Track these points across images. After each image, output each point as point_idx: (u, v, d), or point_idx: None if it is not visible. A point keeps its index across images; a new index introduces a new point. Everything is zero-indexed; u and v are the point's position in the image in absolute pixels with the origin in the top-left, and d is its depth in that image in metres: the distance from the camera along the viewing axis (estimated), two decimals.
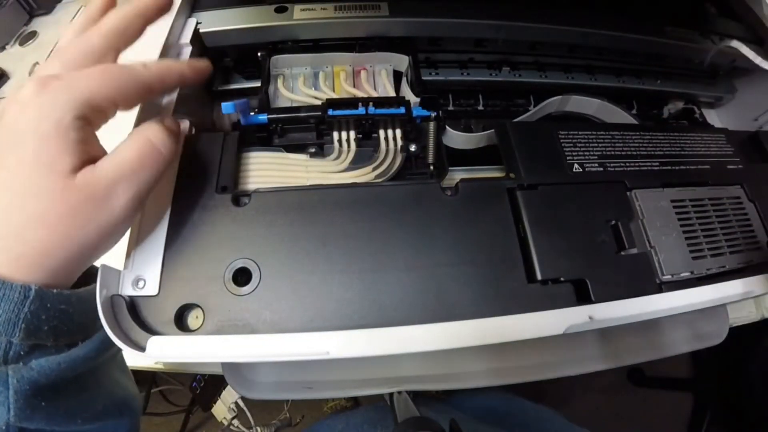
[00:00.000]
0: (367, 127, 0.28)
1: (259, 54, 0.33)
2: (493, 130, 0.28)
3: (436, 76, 0.36)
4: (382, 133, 0.28)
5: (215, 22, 0.32)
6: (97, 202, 0.19)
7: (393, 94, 0.32)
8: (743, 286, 0.24)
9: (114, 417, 0.23)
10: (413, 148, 0.28)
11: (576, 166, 0.27)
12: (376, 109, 0.27)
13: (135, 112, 0.24)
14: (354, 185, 0.25)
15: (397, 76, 0.34)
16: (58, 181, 0.18)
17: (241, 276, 0.21)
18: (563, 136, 0.28)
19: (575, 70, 0.39)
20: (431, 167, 0.28)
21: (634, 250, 0.24)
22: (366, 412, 0.40)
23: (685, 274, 0.24)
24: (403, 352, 0.20)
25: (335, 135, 0.28)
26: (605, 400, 0.99)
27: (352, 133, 0.28)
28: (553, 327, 0.21)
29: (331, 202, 0.23)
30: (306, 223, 0.23)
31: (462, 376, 0.37)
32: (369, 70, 0.34)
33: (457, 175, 0.28)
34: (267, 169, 0.26)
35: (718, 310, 0.38)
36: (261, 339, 0.20)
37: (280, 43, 0.33)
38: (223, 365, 0.35)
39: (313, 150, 0.28)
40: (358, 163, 0.27)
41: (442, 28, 0.34)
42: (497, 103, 0.38)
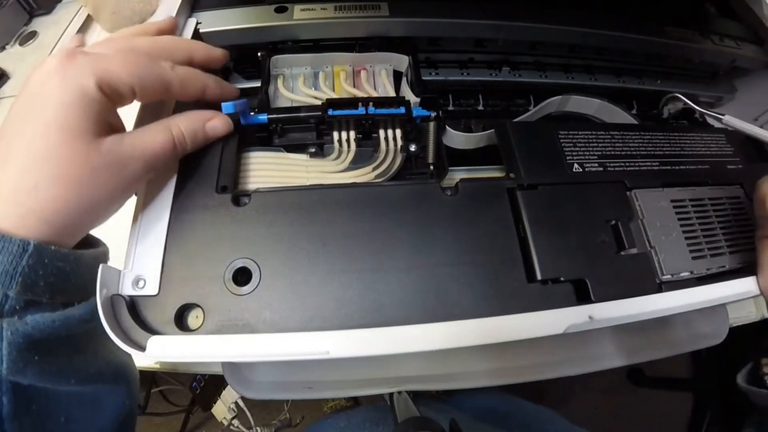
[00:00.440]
0: (367, 127, 0.28)
1: (259, 54, 0.33)
2: (493, 130, 0.28)
3: (436, 76, 0.36)
4: (382, 133, 0.28)
5: (215, 22, 0.32)
6: (116, 169, 0.20)
7: (393, 94, 0.32)
8: (743, 286, 0.24)
9: (108, 382, 0.24)
10: (413, 148, 0.28)
11: (576, 166, 0.27)
12: (376, 109, 0.27)
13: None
14: (354, 185, 0.25)
15: (397, 76, 0.34)
16: (83, 145, 0.19)
17: (241, 276, 0.21)
18: (563, 136, 0.28)
19: (575, 70, 0.39)
20: (431, 167, 0.28)
21: (634, 250, 0.24)
22: (367, 411, 0.40)
23: (685, 274, 0.24)
24: (403, 352, 0.20)
25: (335, 135, 0.28)
26: (605, 400, 0.99)
27: (352, 133, 0.28)
28: (553, 327, 0.21)
29: (331, 202, 0.23)
30: (306, 223, 0.23)
31: (462, 376, 0.37)
32: (369, 70, 0.34)
33: (457, 175, 0.28)
34: (267, 169, 0.26)
35: (718, 310, 0.38)
36: (261, 339, 0.20)
37: (280, 43, 0.33)
38: (223, 365, 0.35)
39: (313, 150, 0.28)
40: (358, 163, 0.27)
41: (442, 28, 0.34)
42: (497, 103, 0.38)
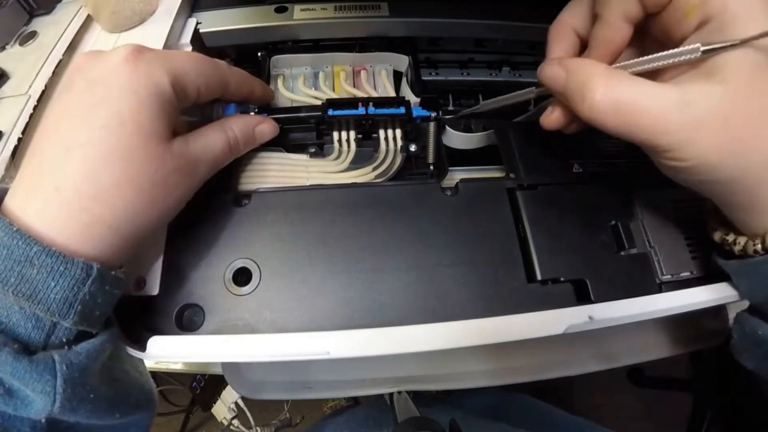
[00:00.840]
0: (367, 127, 0.28)
1: (259, 54, 0.33)
2: (493, 130, 0.28)
3: (436, 76, 0.36)
4: (382, 133, 0.28)
5: (215, 22, 0.32)
6: (187, 171, 0.19)
7: (393, 94, 0.32)
8: None
9: (143, 408, 0.22)
10: (413, 148, 0.28)
11: (576, 166, 0.27)
12: (376, 109, 0.27)
13: None
14: (354, 185, 0.25)
15: (397, 76, 0.34)
16: (157, 146, 0.18)
17: (241, 276, 0.22)
18: (563, 136, 0.28)
19: None
20: (431, 167, 0.28)
21: (634, 250, 0.24)
22: (369, 410, 0.40)
23: (685, 274, 0.24)
24: (403, 352, 0.20)
25: (335, 135, 0.28)
26: (605, 400, 0.99)
27: (352, 133, 0.28)
28: (553, 327, 0.21)
29: (331, 202, 0.23)
30: (306, 223, 0.23)
31: (462, 376, 0.37)
32: (369, 70, 0.34)
33: (457, 175, 0.28)
34: (267, 169, 0.26)
35: (718, 310, 0.38)
36: (261, 339, 0.20)
37: (280, 43, 0.33)
38: (223, 365, 0.35)
39: (313, 150, 0.28)
40: (358, 163, 0.27)
41: (442, 28, 0.34)
42: None
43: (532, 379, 0.36)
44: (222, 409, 0.83)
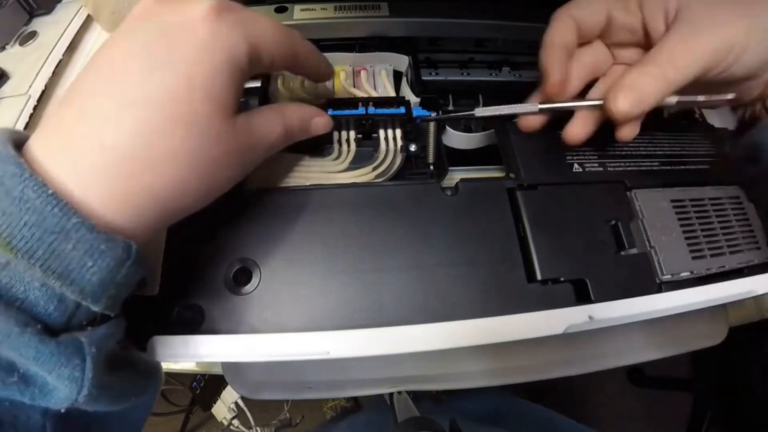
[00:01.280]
0: (367, 127, 0.28)
1: None
2: (493, 130, 0.28)
3: (436, 76, 0.36)
4: (382, 133, 0.28)
5: None
6: (244, 152, 0.18)
7: (393, 94, 0.32)
8: (743, 286, 0.24)
9: (150, 389, 0.20)
10: (413, 148, 0.28)
11: (576, 165, 0.27)
12: (376, 109, 0.27)
13: None
14: (354, 185, 0.25)
15: (397, 76, 0.34)
16: (224, 122, 0.16)
17: (241, 276, 0.21)
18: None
19: None
20: (431, 167, 0.28)
21: (634, 250, 0.24)
22: (369, 414, 0.40)
23: (685, 274, 0.24)
24: (403, 352, 0.20)
25: (335, 135, 0.28)
26: (605, 400, 0.99)
27: (352, 133, 0.28)
28: (553, 327, 0.21)
29: (331, 202, 0.23)
30: (306, 222, 0.23)
31: (462, 376, 0.37)
32: (369, 70, 0.34)
33: (457, 175, 0.28)
34: (266, 169, 0.26)
35: (718, 310, 0.38)
36: (261, 339, 0.20)
37: None
38: (223, 365, 0.35)
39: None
40: (358, 163, 0.27)
41: (442, 28, 0.34)
42: (497, 103, 0.38)
43: (531, 379, 0.36)
44: (222, 409, 0.83)
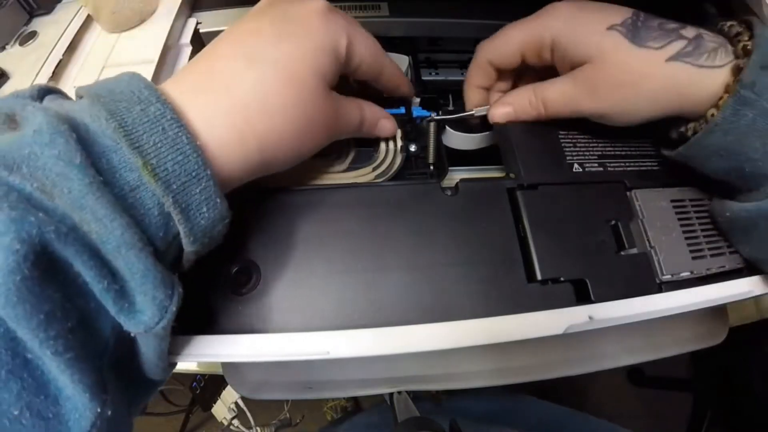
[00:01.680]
0: None
1: None
2: (493, 130, 0.28)
3: (436, 76, 0.36)
4: None
5: (215, 22, 0.32)
6: (329, 126, 0.20)
7: None
8: (743, 286, 0.24)
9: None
10: (413, 148, 0.28)
11: (576, 166, 0.27)
12: None
13: None
14: (354, 185, 0.25)
15: None
16: (324, 90, 0.19)
17: (242, 276, 0.21)
18: (563, 136, 0.28)
19: None
20: (431, 167, 0.28)
21: (634, 250, 0.24)
22: (369, 416, 0.40)
23: (685, 274, 0.24)
24: (404, 352, 0.20)
25: None
26: (605, 399, 0.99)
27: None
28: (553, 327, 0.21)
29: (331, 202, 0.23)
30: (306, 223, 0.23)
31: (462, 376, 0.37)
32: None
33: (457, 175, 0.28)
34: None
35: (718, 310, 0.38)
36: (261, 339, 0.20)
37: None
38: (223, 365, 0.35)
39: None
40: (358, 163, 0.27)
41: (442, 28, 0.34)
42: None
43: (532, 379, 0.36)
44: (222, 409, 0.83)
